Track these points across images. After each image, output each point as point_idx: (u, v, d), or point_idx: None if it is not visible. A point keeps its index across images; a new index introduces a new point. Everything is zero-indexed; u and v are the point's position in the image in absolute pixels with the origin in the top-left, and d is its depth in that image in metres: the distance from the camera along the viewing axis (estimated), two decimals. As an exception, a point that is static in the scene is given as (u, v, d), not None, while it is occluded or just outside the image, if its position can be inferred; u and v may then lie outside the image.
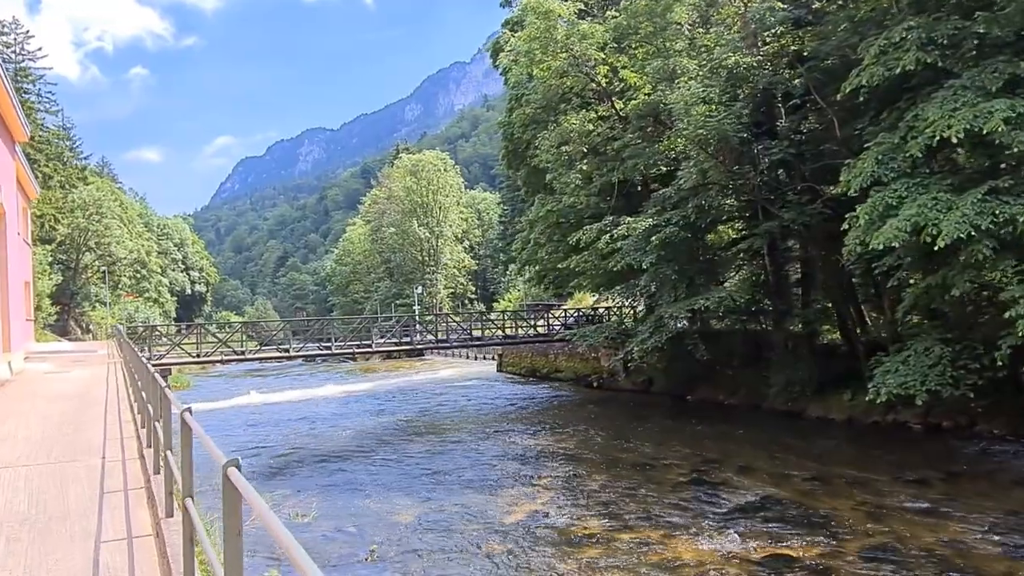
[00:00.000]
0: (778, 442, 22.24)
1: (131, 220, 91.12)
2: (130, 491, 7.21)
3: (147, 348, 27.59)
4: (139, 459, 8.88)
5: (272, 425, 30.26)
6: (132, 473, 8.11)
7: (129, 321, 65.04)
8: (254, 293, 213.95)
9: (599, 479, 18.42)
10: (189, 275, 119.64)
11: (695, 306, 25.23)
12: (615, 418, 28.64)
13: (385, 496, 17.53)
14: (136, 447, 9.60)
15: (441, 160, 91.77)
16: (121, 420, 12.25)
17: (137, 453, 9.28)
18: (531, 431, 26.32)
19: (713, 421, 26.25)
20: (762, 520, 14.38)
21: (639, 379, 34.62)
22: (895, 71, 18.76)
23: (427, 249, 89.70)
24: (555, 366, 42.15)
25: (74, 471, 8.23)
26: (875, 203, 17.88)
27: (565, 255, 37.00)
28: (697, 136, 22.89)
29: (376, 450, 23.83)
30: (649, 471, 19.12)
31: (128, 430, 11.19)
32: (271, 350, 30.09)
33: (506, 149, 45.80)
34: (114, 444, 10.00)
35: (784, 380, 26.50)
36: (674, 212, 26.35)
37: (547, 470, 19.84)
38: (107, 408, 14.09)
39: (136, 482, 7.62)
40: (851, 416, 24.42)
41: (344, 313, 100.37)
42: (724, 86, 23.99)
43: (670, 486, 17.49)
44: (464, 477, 19.41)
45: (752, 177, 24.23)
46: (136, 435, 10.53)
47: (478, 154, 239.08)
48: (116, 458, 9.08)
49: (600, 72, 31.42)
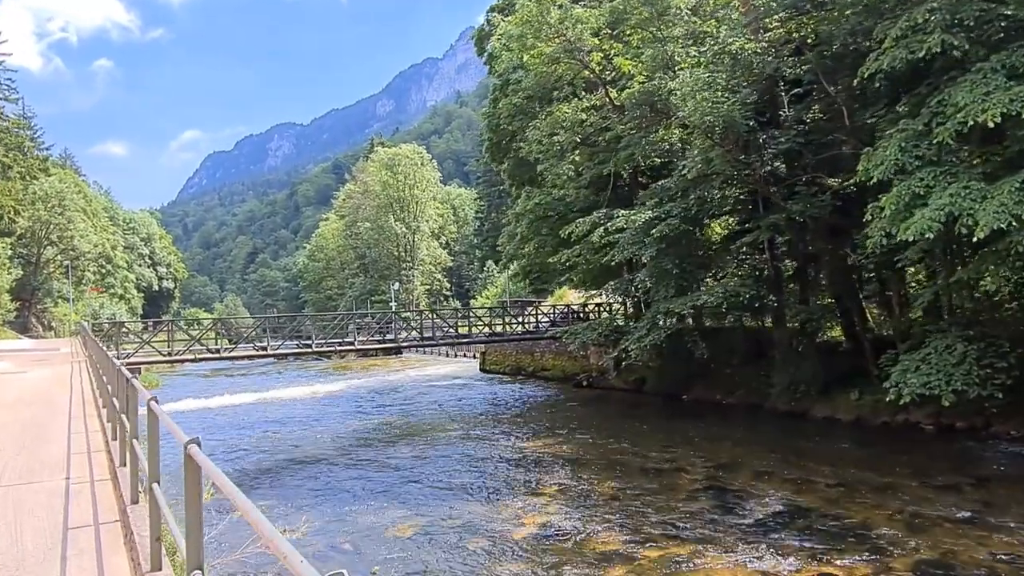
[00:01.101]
0: (788, 445, 21.21)
1: (96, 213, 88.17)
2: (102, 526, 5.79)
3: (114, 346, 25.82)
4: (111, 479, 7.45)
5: (247, 427, 28.64)
6: (104, 499, 6.69)
7: (94, 318, 62.55)
8: (223, 290, 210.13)
9: (608, 486, 17.20)
10: (156, 271, 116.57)
11: (698, 302, 24.13)
12: (611, 418, 27.49)
13: (378, 506, 16.15)
14: (107, 464, 8.16)
15: (418, 154, 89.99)
16: (88, 429, 10.76)
17: (109, 472, 7.84)
18: (524, 433, 25.04)
19: (714, 422, 25.21)
20: (795, 533, 13.24)
21: (631, 378, 33.51)
22: (918, 54, 17.75)
23: (403, 245, 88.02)
24: (541, 364, 40.92)
25: (32, 498, 6.77)
26: (900, 193, 16.84)
27: (554, 249, 35.81)
28: (704, 123, 21.74)
29: (362, 455, 22.39)
30: (660, 476, 17.95)
31: (96, 441, 9.72)
32: (247, 348, 28.45)
33: (490, 141, 44.42)
34: (80, 460, 8.53)
35: (787, 379, 25.51)
36: (674, 204, 25.23)
37: (549, 476, 18.56)
38: (71, 414, 12.56)
39: (109, 512, 6.20)
40: (859, 416, 23.48)
41: (317, 310, 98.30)
42: (730, 72, 22.87)
43: (686, 493, 16.33)
44: (461, 484, 18.09)
45: (758, 167, 23.15)
46: (106, 447, 9.08)
47: (451, 150, 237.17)
48: (83, 477, 7.63)
49: (594, 59, 30.19)
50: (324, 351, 30.29)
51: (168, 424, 4.17)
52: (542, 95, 35.41)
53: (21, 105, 70.47)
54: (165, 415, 4.64)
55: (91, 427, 10.93)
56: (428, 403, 34.02)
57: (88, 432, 10.43)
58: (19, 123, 69.06)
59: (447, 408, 32.39)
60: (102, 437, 9.82)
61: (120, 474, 7.35)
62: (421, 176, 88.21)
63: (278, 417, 31.24)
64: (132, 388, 7.13)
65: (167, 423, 4.24)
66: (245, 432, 27.40)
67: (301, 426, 28.59)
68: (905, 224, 16.27)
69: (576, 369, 38.15)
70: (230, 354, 27.97)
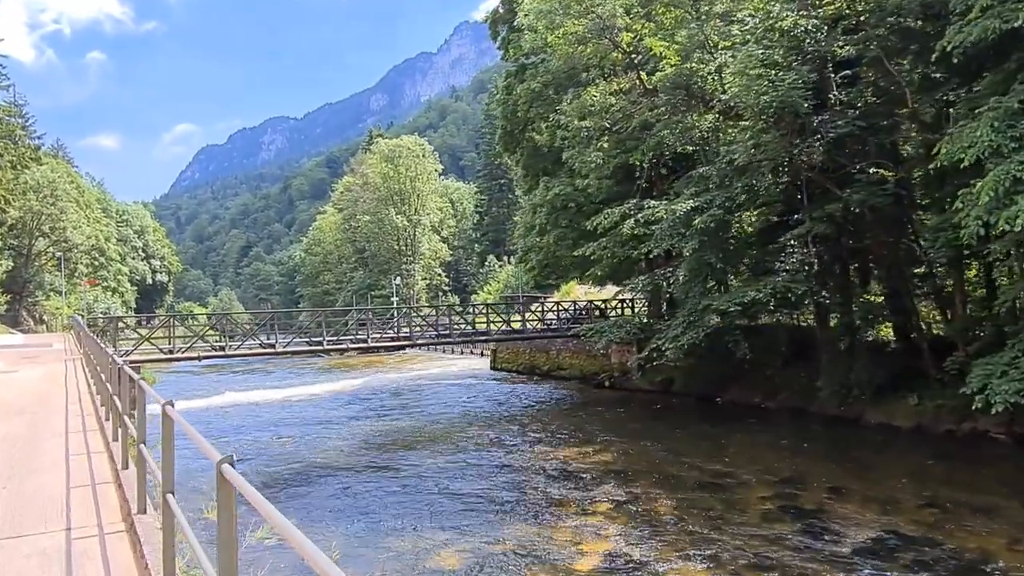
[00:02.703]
0: (851, 455, 19.47)
1: (88, 204, 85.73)
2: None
3: (112, 343, 23.88)
4: (128, 532, 5.57)
5: (253, 431, 26.74)
6: (121, 567, 4.81)
7: (88, 312, 60.37)
8: (216, 283, 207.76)
9: (666, 504, 15.39)
10: (150, 264, 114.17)
11: (745, 298, 22.29)
12: (644, 423, 25.67)
13: (413, 527, 14.32)
14: (119, 505, 6.28)
15: (420, 146, 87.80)
16: (89, 449, 8.87)
17: (122, 516, 5.97)
18: (555, 439, 23.21)
19: (758, 427, 23.45)
20: (907, 568, 11.45)
21: (657, 378, 31.65)
22: (1013, 24, 15.96)
23: (404, 238, 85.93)
24: (558, 363, 39.05)
25: (17, 566, 4.88)
26: (999, 178, 15.04)
27: (574, 242, 34.04)
28: (759, 103, 19.88)
29: (383, 462, 20.52)
30: (722, 493, 16.15)
31: (101, 467, 7.83)
32: (255, 346, 26.50)
33: (503, 129, 42.46)
34: (84, 499, 6.64)
35: (836, 381, 23.72)
36: (718, 192, 23.42)
37: (596, 490, 16.73)
38: (68, 427, 10.66)
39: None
40: (919, 424, 21.69)
41: (313, 304, 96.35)
42: (786, 49, 21.02)
43: (759, 514, 14.52)
44: (500, 499, 16.27)
45: (813, 153, 21.32)
46: (115, 478, 7.20)
47: (447, 145, 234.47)
48: (89, 528, 5.76)
49: (624, 39, 28.31)
50: (336, 348, 28.31)
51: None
52: (563, 81, 33.56)
53: (12, 92, 68.16)
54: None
55: (93, 445, 9.05)
56: (443, 404, 32.15)
57: (90, 453, 8.55)
58: (9, 110, 66.69)
59: (465, 410, 30.54)
60: (108, 463, 7.95)
61: (138, 523, 5.49)
62: (423, 168, 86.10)
63: (283, 419, 29.35)
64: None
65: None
66: (251, 436, 25.51)
67: (310, 429, 26.70)
68: (1008, 212, 14.47)
69: (595, 369, 36.31)
70: (236, 352, 26.04)
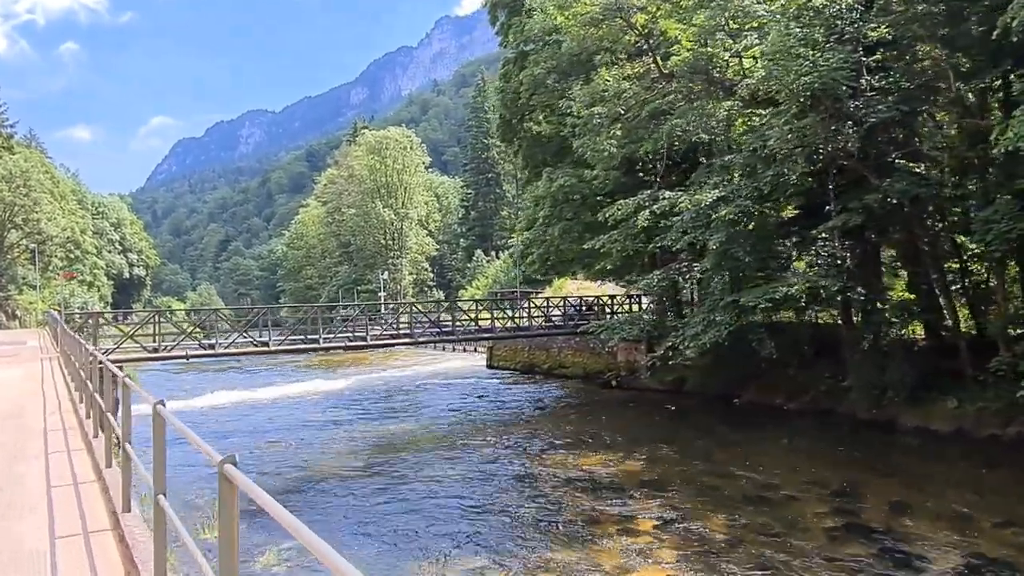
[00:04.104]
0: (898, 464, 18.20)
1: (63, 196, 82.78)
2: None
3: (92, 340, 22.02)
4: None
5: (244, 434, 24.94)
6: None
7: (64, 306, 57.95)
8: (194, 278, 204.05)
9: (716, 522, 13.92)
10: (127, 257, 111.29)
11: (776, 294, 20.89)
12: (663, 427, 24.25)
13: (442, 549, 12.75)
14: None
15: (407, 137, 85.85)
16: (75, 475, 7.21)
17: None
18: (571, 444, 21.67)
19: (786, 431, 22.07)
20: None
21: (668, 378, 30.20)
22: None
23: (391, 232, 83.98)
24: (559, 361, 37.52)
25: None
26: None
27: (579, 235, 32.57)
28: (800, 85, 18.43)
29: (394, 472, 18.84)
30: (772, 508, 14.73)
31: (92, 500, 6.19)
32: (246, 343, 24.72)
33: (501, 118, 40.90)
34: (72, 548, 5.00)
35: (868, 382, 22.42)
36: (745, 182, 22.02)
37: (635, 506, 15.23)
38: (48, 444, 8.96)
39: None
40: (960, 428, 20.41)
41: (295, 300, 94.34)
42: (825, 29, 19.60)
43: (823, 535, 13.08)
44: (531, 517, 14.71)
45: (849, 140, 19.93)
46: (112, 521, 5.58)
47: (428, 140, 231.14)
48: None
49: (638, 20, 26.82)
50: (334, 346, 26.59)
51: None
52: (568, 67, 32.04)
53: (-19, 78, 65.44)
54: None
55: (80, 470, 7.38)
56: (444, 405, 30.51)
57: (78, 484, 6.89)
58: (-21, 97, 64.05)
59: (469, 411, 28.96)
60: (99, 497, 6.31)
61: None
62: (410, 161, 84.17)
63: (275, 421, 27.58)
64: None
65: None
66: (242, 440, 23.67)
67: (304, 433, 24.99)
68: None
69: (600, 367, 34.85)
70: (227, 351, 24.27)
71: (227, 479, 2.89)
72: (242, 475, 2.83)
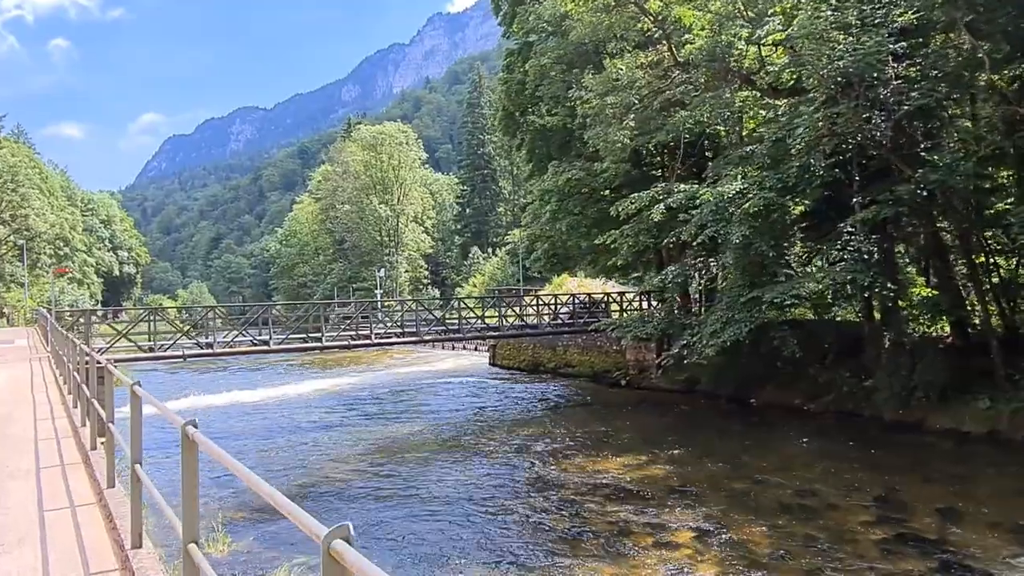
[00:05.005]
0: (935, 466, 17.37)
1: (52, 192, 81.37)
2: None
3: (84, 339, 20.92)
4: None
5: (241, 438, 23.79)
6: None
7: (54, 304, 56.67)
8: (185, 276, 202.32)
9: (756, 532, 13.00)
10: (117, 255, 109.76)
11: (802, 290, 20.01)
12: (682, 428, 23.35)
13: (471, 565, 11.77)
14: None
15: (403, 132, 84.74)
16: (72, 499, 6.23)
17: None
18: (588, 447, 20.73)
19: (811, 434, 21.17)
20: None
21: (679, 377, 29.33)
22: None
23: (387, 229, 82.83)
24: (565, 360, 36.58)
25: None
26: None
27: (587, 230, 31.68)
28: (836, 70, 17.53)
29: (405, 477, 17.84)
30: (814, 517, 13.83)
31: (95, 533, 5.22)
32: (245, 342, 23.71)
33: (503, 111, 39.92)
34: None
35: (896, 382, 21.55)
36: (768, 173, 21.13)
37: (667, 516, 14.27)
38: (39, 459, 7.95)
39: None
40: (994, 429, 19.59)
41: (289, 297, 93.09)
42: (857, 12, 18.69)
43: (874, 547, 12.17)
44: (558, 528, 13.73)
45: (882, 128, 19.05)
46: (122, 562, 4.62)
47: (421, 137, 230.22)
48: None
49: (651, 5, 25.90)
50: (337, 345, 25.58)
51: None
52: (575, 57, 31.12)
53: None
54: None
55: (77, 493, 6.40)
56: (449, 405, 29.53)
57: (75, 510, 5.91)
58: (-34, 90, 62.64)
59: (477, 411, 27.97)
60: (105, 532, 5.34)
61: None
62: (406, 156, 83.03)
63: (273, 423, 26.51)
64: None
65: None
66: (239, 444, 22.63)
67: (305, 435, 23.96)
68: None
69: (607, 366, 33.95)
70: (225, 350, 23.24)
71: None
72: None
